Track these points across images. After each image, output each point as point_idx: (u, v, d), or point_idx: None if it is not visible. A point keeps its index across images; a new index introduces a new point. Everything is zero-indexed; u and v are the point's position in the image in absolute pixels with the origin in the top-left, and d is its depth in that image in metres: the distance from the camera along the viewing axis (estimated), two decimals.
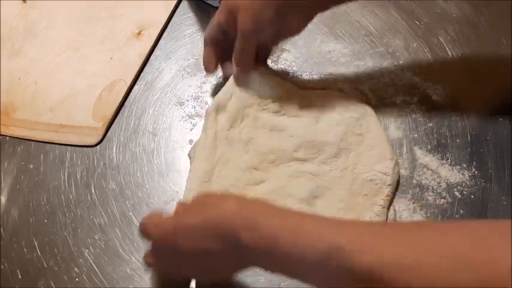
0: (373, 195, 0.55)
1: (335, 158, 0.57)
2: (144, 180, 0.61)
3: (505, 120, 0.62)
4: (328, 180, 0.56)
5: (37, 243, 0.57)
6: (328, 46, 0.69)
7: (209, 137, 0.58)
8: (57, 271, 0.55)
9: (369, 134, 0.59)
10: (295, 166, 0.57)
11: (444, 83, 0.65)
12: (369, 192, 0.55)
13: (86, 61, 0.70)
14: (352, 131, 0.59)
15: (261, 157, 0.57)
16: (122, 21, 0.74)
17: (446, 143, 0.61)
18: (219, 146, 0.58)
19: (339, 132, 0.59)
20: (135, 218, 0.58)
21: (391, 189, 0.56)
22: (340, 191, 0.56)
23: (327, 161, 0.57)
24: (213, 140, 0.58)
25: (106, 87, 0.67)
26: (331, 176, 0.57)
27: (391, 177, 0.56)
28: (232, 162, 0.57)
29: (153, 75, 0.69)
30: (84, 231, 0.58)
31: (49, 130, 0.65)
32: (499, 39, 0.68)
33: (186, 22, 0.74)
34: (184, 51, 0.71)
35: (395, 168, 0.57)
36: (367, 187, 0.56)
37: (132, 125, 0.65)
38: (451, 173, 0.59)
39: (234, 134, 0.59)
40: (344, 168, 0.57)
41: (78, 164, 0.62)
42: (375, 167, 0.57)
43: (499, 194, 0.57)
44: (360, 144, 0.58)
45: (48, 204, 0.60)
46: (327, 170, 0.57)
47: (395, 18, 0.71)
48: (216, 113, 0.59)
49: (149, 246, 0.48)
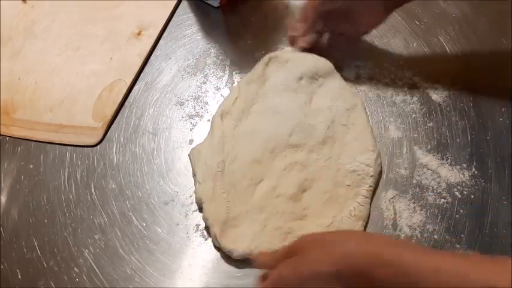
0: (356, 186, 0.57)
1: (321, 146, 0.59)
2: (144, 180, 0.61)
3: (505, 120, 0.62)
4: (315, 170, 0.58)
5: (37, 243, 0.57)
6: None
7: (216, 136, 0.59)
8: (57, 271, 0.55)
9: (354, 126, 0.61)
10: (289, 156, 0.59)
11: (444, 83, 0.65)
12: (351, 182, 0.57)
13: (86, 61, 0.70)
14: (339, 120, 0.61)
15: (264, 145, 0.59)
16: (122, 21, 0.74)
17: (446, 143, 0.61)
18: (227, 143, 0.59)
19: (326, 118, 0.61)
20: (135, 218, 0.58)
21: (373, 180, 0.57)
22: (326, 182, 0.57)
23: (314, 149, 0.59)
24: (221, 138, 0.59)
25: (106, 87, 0.67)
26: (317, 166, 0.58)
27: (373, 168, 0.58)
28: (240, 157, 0.58)
29: (153, 75, 0.69)
30: (84, 231, 0.58)
31: (49, 130, 0.65)
32: (499, 39, 0.68)
33: (186, 22, 0.74)
34: (184, 51, 0.71)
35: (378, 159, 0.59)
36: (350, 177, 0.58)
37: (132, 125, 0.65)
38: (451, 173, 0.59)
39: (240, 130, 0.60)
40: (329, 158, 0.59)
41: (78, 164, 0.62)
42: (358, 158, 0.58)
43: (499, 194, 0.57)
44: (345, 135, 0.60)
45: (48, 204, 0.60)
46: (314, 159, 0.58)
47: (395, 18, 0.71)
48: (221, 118, 0.61)
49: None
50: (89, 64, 0.70)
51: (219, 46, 0.71)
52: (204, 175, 0.57)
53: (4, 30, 0.74)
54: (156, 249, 0.56)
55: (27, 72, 0.70)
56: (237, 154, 0.58)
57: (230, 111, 0.61)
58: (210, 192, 0.56)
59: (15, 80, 0.70)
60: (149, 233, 0.57)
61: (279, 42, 0.70)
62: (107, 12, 0.75)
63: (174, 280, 0.54)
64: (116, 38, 0.72)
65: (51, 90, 0.68)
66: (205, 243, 0.56)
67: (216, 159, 0.57)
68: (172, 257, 0.56)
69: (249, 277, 0.54)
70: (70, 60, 0.71)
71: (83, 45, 0.72)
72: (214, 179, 0.57)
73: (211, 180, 0.57)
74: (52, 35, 0.73)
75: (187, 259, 0.55)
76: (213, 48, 0.70)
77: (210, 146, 0.59)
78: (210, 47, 0.71)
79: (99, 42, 0.72)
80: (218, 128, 0.60)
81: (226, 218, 0.55)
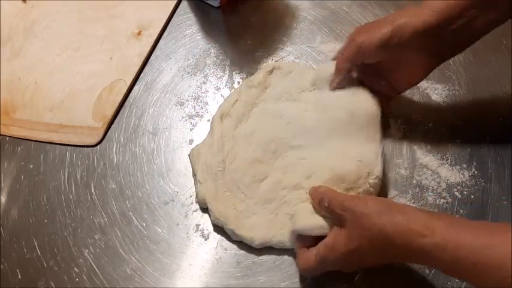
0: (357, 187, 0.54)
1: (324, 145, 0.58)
2: (144, 180, 0.61)
3: (505, 121, 0.62)
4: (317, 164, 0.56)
5: (37, 243, 0.57)
6: (328, 46, 0.69)
7: (216, 136, 0.59)
8: (57, 271, 0.55)
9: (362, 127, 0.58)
10: (292, 155, 0.58)
11: (444, 83, 0.65)
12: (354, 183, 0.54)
13: (86, 61, 0.70)
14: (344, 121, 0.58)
15: (264, 147, 0.58)
16: (122, 21, 0.74)
17: (446, 143, 0.61)
18: (226, 143, 0.59)
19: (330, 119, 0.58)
20: (135, 218, 0.58)
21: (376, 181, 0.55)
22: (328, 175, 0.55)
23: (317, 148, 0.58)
24: (220, 138, 0.59)
25: (106, 87, 0.67)
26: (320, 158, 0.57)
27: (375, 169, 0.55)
28: (240, 156, 0.58)
29: (153, 75, 0.69)
30: (84, 231, 0.58)
31: (49, 130, 0.65)
32: (499, 39, 0.68)
33: (186, 22, 0.74)
34: (184, 51, 0.71)
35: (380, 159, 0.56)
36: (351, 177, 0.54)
37: (132, 125, 0.65)
38: (451, 173, 0.59)
39: (239, 131, 0.60)
40: (333, 151, 0.57)
41: (78, 164, 0.62)
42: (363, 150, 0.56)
43: (499, 194, 0.57)
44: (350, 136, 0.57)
45: (48, 204, 0.60)
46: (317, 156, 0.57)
47: None
48: (221, 119, 0.60)
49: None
50: (89, 64, 0.70)
51: (219, 46, 0.71)
52: (205, 175, 0.57)
53: (4, 30, 0.74)
54: (156, 249, 0.56)
55: (27, 72, 0.70)
56: (237, 154, 0.58)
57: (230, 113, 0.61)
58: (213, 191, 0.56)
59: (15, 79, 0.70)
60: (149, 233, 0.57)
61: (279, 42, 0.70)
62: (106, 12, 0.75)
63: (174, 280, 0.54)
64: (115, 38, 0.72)
65: (51, 90, 0.68)
66: (205, 243, 0.56)
67: (216, 159, 0.58)
68: (172, 257, 0.56)
69: (249, 277, 0.54)
70: (70, 60, 0.71)
71: (83, 45, 0.72)
72: (215, 178, 0.57)
73: (212, 180, 0.57)
74: (52, 35, 0.73)
75: (187, 259, 0.55)
76: (213, 48, 0.70)
77: (209, 146, 0.59)
78: (210, 47, 0.71)
79: (99, 42, 0.72)
80: (218, 128, 0.60)
81: (235, 212, 0.55)
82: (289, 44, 0.70)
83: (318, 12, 0.73)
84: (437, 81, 0.65)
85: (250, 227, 0.55)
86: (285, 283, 0.53)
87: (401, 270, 0.53)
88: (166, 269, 0.55)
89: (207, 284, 0.54)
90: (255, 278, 0.54)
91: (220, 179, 0.57)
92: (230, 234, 0.56)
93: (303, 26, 0.71)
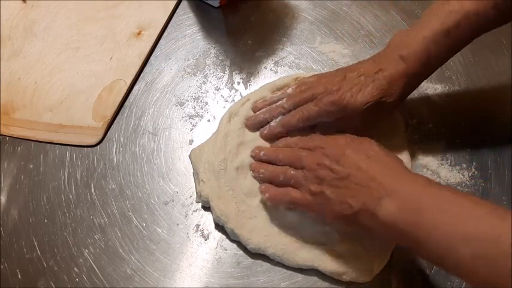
0: None
1: None
2: (144, 180, 0.61)
3: (505, 120, 0.62)
4: None
5: (37, 243, 0.57)
6: (328, 46, 0.69)
7: (220, 135, 0.59)
8: (57, 271, 0.55)
9: None
10: None
11: (444, 83, 0.65)
12: None
13: (86, 61, 0.70)
14: None
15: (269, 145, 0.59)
16: (122, 21, 0.74)
17: (446, 143, 0.61)
18: (230, 142, 0.59)
19: None
20: (135, 218, 0.58)
21: None
22: None
23: None
24: (224, 137, 0.59)
25: (106, 87, 0.67)
26: None
27: None
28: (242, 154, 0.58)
29: (153, 75, 0.69)
30: (84, 231, 0.58)
31: (49, 130, 0.65)
32: (499, 39, 0.68)
33: (186, 22, 0.74)
34: (184, 51, 0.71)
35: None
36: None
37: (132, 125, 0.65)
38: (451, 173, 0.59)
39: (245, 131, 0.60)
40: None
41: (78, 164, 0.62)
42: None
43: (499, 194, 0.57)
44: None
45: (48, 204, 0.60)
46: None
47: (395, 18, 0.71)
48: (229, 119, 0.60)
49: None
50: (89, 64, 0.70)
51: (219, 46, 0.71)
52: (208, 173, 0.57)
53: (4, 30, 0.74)
54: (156, 249, 0.56)
55: (27, 72, 0.70)
56: (239, 153, 0.58)
57: (238, 112, 0.61)
58: (216, 189, 0.56)
59: (15, 80, 0.70)
60: (149, 233, 0.57)
61: (279, 42, 0.70)
62: (106, 12, 0.75)
63: (174, 280, 0.54)
64: (115, 38, 0.72)
65: (51, 90, 0.68)
66: (205, 243, 0.56)
67: (217, 158, 0.57)
68: (172, 257, 0.56)
69: (249, 277, 0.54)
70: (70, 60, 0.71)
71: (83, 45, 0.72)
72: (217, 176, 0.57)
73: (215, 178, 0.57)
74: (52, 35, 0.73)
75: (187, 259, 0.55)
76: (213, 48, 0.71)
77: (212, 145, 0.59)
78: (210, 47, 0.71)
79: (99, 42, 0.72)
80: (224, 127, 0.60)
81: (237, 211, 0.55)
82: (289, 44, 0.70)
83: (318, 13, 0.73)
84: (437, 81, 0.65)
85: (250, 228, 0.55)
86: (285, 283, 0.53)
87: (401, 270, 0.53)
88: (166, 269, 0.55)
89: (207, 284, 0.54)
90: (255, 278, 0.54)
91: (223, 177, 0.57)
92: (230, 233, 0.56)
93: (303, 26, 0.72)
